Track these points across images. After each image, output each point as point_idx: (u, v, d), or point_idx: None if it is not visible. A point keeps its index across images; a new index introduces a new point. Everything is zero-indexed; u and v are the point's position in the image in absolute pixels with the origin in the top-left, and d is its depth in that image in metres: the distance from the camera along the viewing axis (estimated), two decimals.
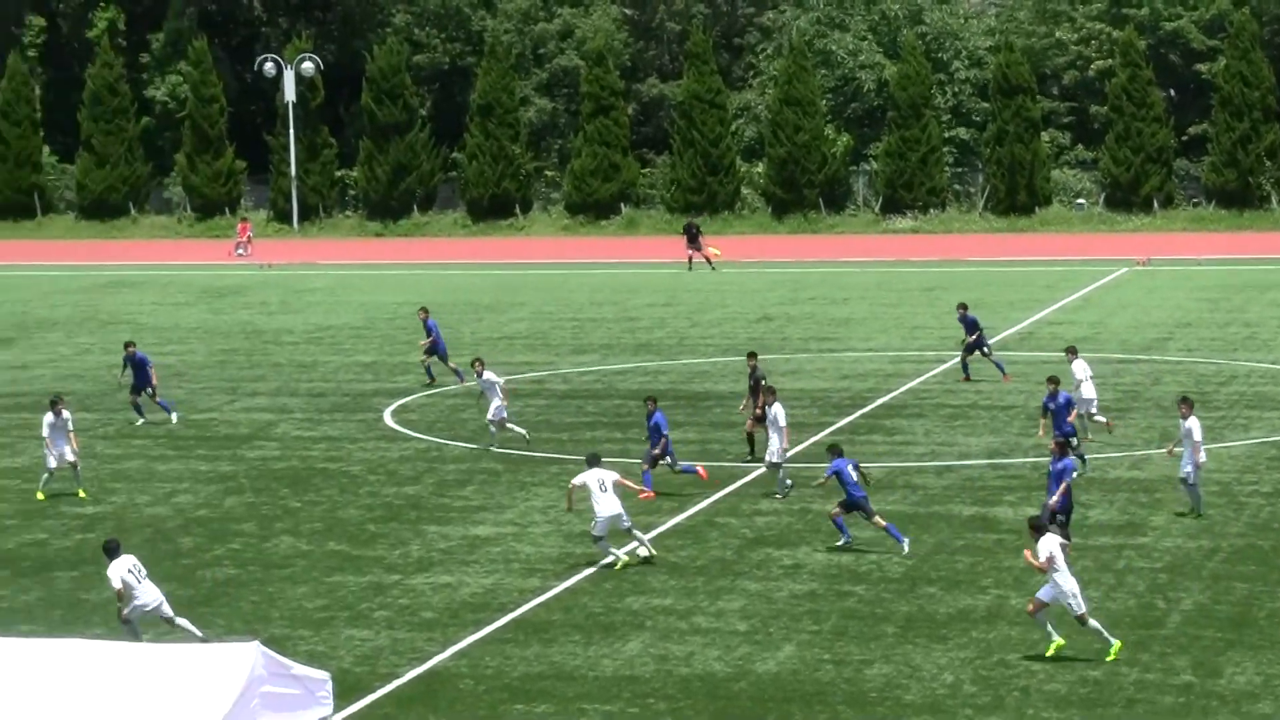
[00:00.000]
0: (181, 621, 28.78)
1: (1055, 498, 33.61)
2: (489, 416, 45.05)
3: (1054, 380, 41.38)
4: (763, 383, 41.92)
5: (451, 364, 53.98)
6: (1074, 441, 38.43)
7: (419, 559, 35.24)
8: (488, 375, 45.28)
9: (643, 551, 34.41)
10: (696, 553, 35.16)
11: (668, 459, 39.87)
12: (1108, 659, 27.69)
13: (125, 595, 28.48)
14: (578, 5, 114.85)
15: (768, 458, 39.52)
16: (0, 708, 18.43)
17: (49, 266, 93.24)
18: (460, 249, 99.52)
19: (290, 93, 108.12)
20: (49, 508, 39.67)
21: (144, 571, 29.00)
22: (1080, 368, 45.17)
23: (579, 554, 35.16)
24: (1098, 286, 76.43)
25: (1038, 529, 28.52)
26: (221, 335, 66.51)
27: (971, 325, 53.23)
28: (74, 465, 40.70)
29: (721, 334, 64.69)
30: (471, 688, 27.84)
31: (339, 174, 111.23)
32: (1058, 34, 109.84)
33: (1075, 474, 34.78)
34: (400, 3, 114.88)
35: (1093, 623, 27.87)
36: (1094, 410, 44.45)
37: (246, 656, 18.88)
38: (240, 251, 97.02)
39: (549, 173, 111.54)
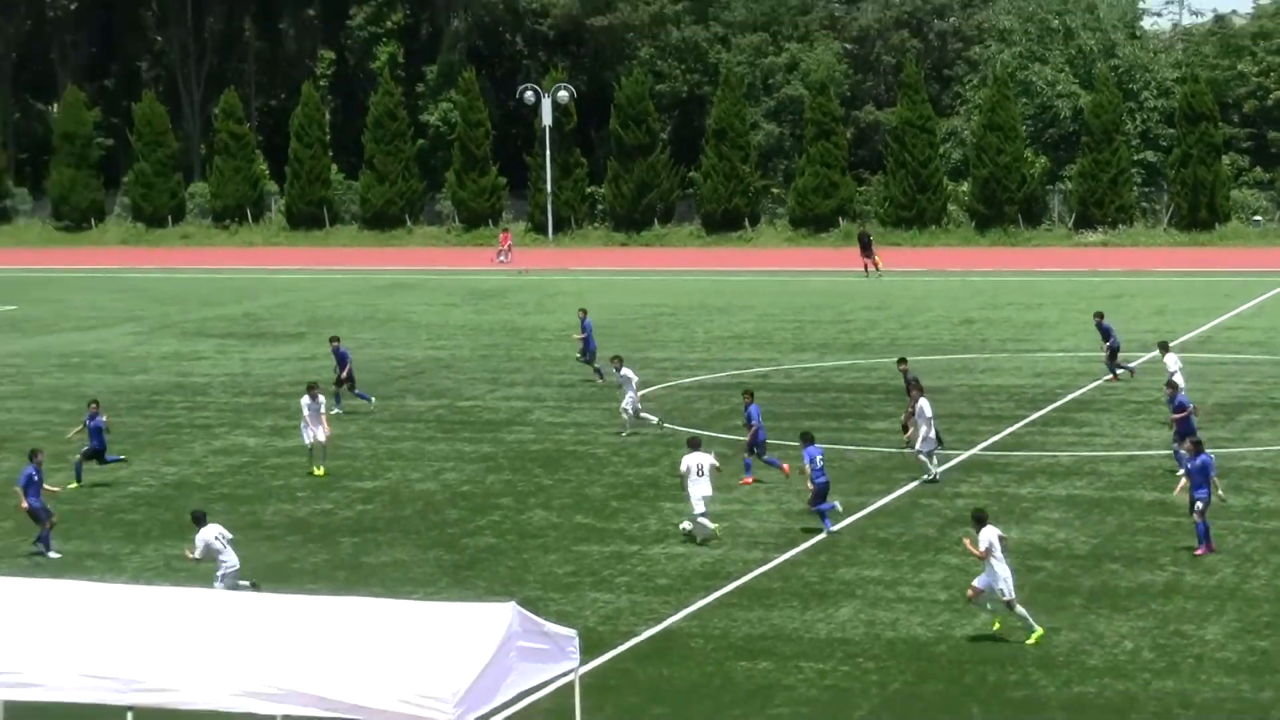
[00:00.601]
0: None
1: (1198, 490, 32.91)
2: (623, 405, 45.51)
3: (1171, 385, 40.79)
4: (915, 381, 41.52)
5: (595, 364, 53.92)
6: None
7: (655, 532, 35.43)
8: (625, 371, 45.71)
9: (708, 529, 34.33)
10: (902, 530, 35.08)
11: (756, 449, 39.48)
12: (1028, 643, 27.38)
13: (212, 557, 29.40)
14: (804, 40, 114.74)
15: (917, 446, 39.33)
16: (291, 656, 18.79)
17: (335, 270, 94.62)
18: (695, 258, 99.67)
19: (547, 118, 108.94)
20: (333, 481, 40.33)
21: (229, 538, 29.74)
22: (1172, 360, 45.04)
23: (797, 530, 35.20)
24: (1271, 295, 75.09)
25: (979, 520, 28.29)
26: (484, 332, 67.16)
27: (1106, 332, 52.74)
28: (323, 445, 41.32)
29: (928, 335, 64.32)
30: (701, 646, 28.00)
31: (589, 190, 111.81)
32: (1239, 66, 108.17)
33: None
34: (645, 38, 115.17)
35: (1019, 609, 27.55)
36: None
37: (504, 615, 19.08)
38: (501, 259, 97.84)
39: (775, 190, 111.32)
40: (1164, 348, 46.22)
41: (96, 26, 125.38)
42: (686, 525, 34.44)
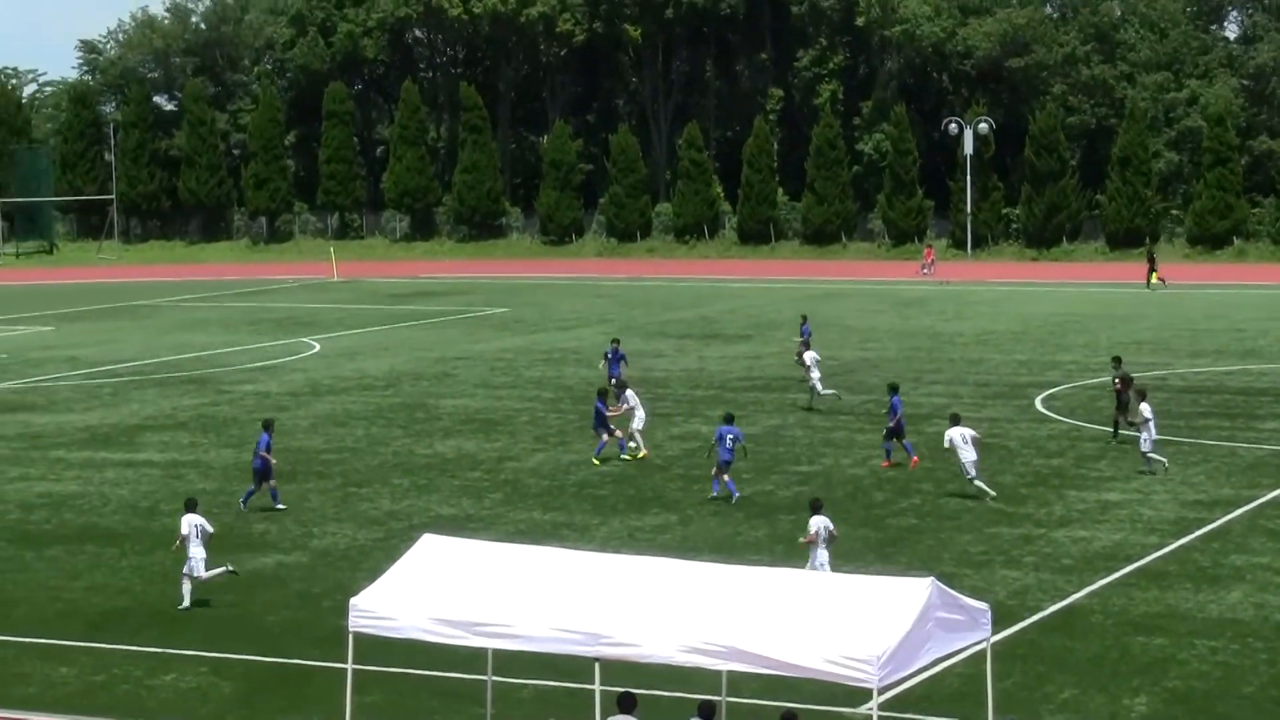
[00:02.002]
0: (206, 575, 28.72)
1: None
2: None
3: None
4: (1129, 380, 41.56)
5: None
6: None
7: (1060, 517, 34.62)
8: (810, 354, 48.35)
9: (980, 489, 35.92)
10: None
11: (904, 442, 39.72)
12: None
13: (182, 546, 28.58)
14: (1203, 77, 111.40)
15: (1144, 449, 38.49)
16: (734, 619, 18.75)
17: (778, 280, 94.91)
18: (1099, 271, 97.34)
19: (969, 147, 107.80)
20: (774, 465, 40.32)
21: (208, 531, 28.78)
22: None
23: (1191, 518, 34.00)
24: None
25: (814, 508, 28.25)
26: (908, 336, 66.57)
27: None
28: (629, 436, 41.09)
29: None
30: (1101, 621, 27.21)
31: (1004, 211, 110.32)
32: None
33: None
34: (1057, 76, 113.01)
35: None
36: None
37: (923, 588, 18.76)
38: (925, 271, 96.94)
39: (1174, 211, 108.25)
40: None
41: (582, 70, 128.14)
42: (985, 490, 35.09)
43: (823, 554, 28.21)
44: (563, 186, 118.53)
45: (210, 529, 29.07)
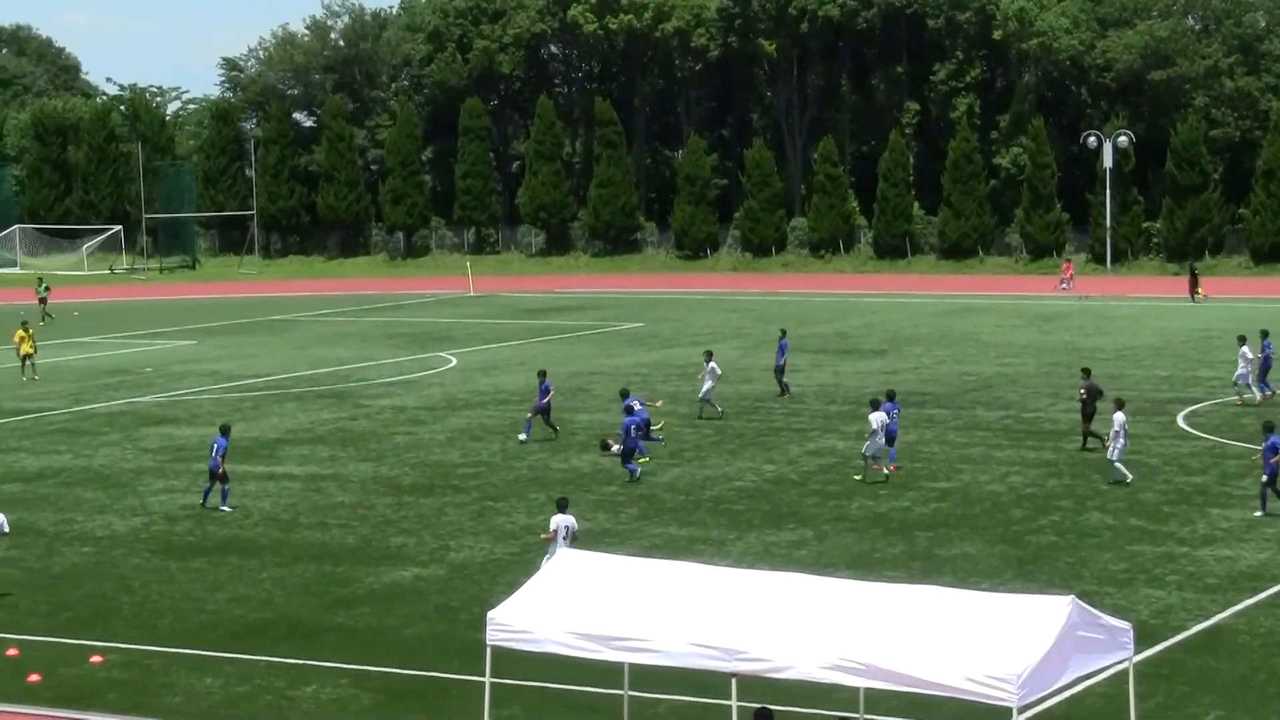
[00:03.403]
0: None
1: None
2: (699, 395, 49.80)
3: None
4: (1099, 394, 43.83)
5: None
6: None
7: (1204, 535, 34.13)
8: (711, 364, 49.59)
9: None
10: None
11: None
12: None
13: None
14: None
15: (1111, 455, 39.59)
16: (872, 636, 18.67)
17: (915, 295, 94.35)
18: (1242, 286, 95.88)
19: (1108, 160, 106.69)
20: (911, 481, 40.10)
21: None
22: None
23: None
24: None
25: (560, 505, 29.80)
26: (1047, 351, 65.92)
27: None
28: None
29: None
30: (1247, 642, 26.79)
31: (1145, 225, 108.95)
32: None
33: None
34: (1200, 88, 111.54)
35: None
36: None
37: (1064, 606, 18.57)
38: (1064, 286, 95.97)
39: None
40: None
41: (716, 84, 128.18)
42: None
43: (561, 548, 28.37)
44: (697, 201, 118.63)
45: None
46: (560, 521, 29.62)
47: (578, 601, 20.15)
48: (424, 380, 60.20)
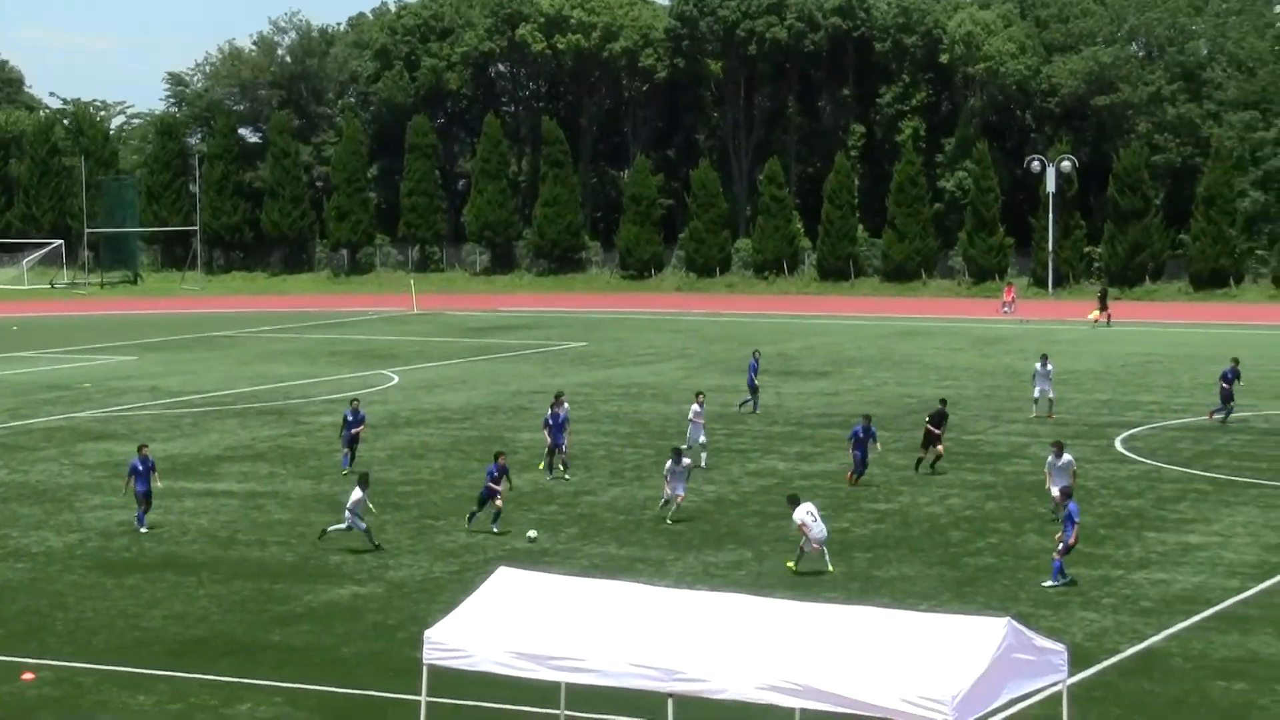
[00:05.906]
0: None
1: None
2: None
3: None
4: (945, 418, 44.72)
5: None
6: None
7: (1139, 558, 34.35)
8: (694, 406, 46.45)
9: None
10: None
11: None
12: None
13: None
14: None
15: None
16: (808, 656, 18.71)
17: (858, 317, 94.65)
18: (1182, 311, 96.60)
19: (1051, 185, 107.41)
20: (851, 503, 40.21)
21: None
22: None
23: (1273, 562, 33.65)
24: None
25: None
26: (988, 375, 66.26)
27: None
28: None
29: None
30: (1180, 665, 26.96)
31: (1086, 249, 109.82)
32: None
33: None
34: (1143, 114, 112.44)
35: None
36: None
37: (1000, 628, 18.66)
38: (1006, 309, 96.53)
39: (1260, 251, 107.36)
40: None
41: (663, 105, 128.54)
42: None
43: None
44: (643, 221, 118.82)
45: None
46: None
47: (515, 620, 20.13)
48: (366, 398, 60.00)
